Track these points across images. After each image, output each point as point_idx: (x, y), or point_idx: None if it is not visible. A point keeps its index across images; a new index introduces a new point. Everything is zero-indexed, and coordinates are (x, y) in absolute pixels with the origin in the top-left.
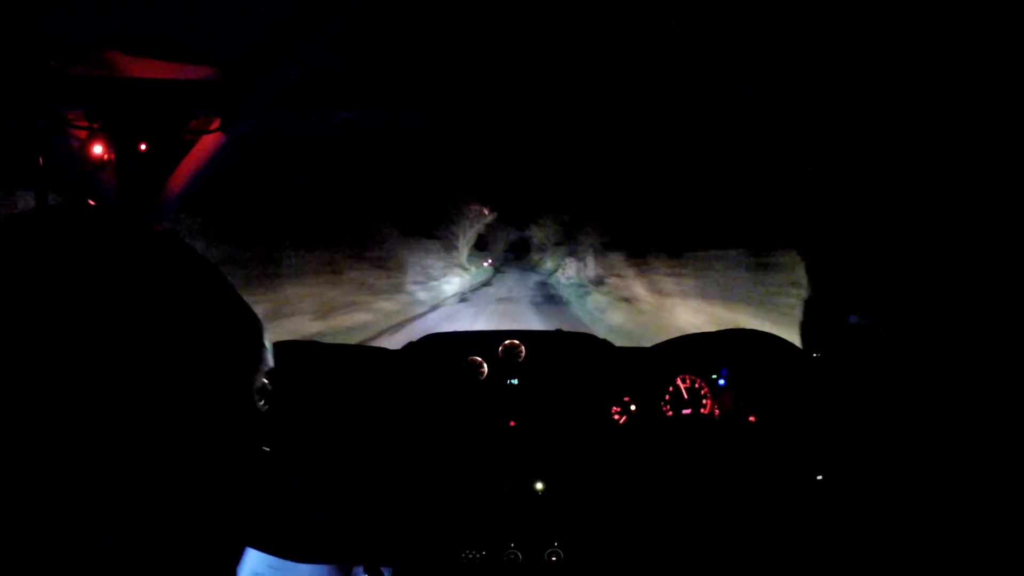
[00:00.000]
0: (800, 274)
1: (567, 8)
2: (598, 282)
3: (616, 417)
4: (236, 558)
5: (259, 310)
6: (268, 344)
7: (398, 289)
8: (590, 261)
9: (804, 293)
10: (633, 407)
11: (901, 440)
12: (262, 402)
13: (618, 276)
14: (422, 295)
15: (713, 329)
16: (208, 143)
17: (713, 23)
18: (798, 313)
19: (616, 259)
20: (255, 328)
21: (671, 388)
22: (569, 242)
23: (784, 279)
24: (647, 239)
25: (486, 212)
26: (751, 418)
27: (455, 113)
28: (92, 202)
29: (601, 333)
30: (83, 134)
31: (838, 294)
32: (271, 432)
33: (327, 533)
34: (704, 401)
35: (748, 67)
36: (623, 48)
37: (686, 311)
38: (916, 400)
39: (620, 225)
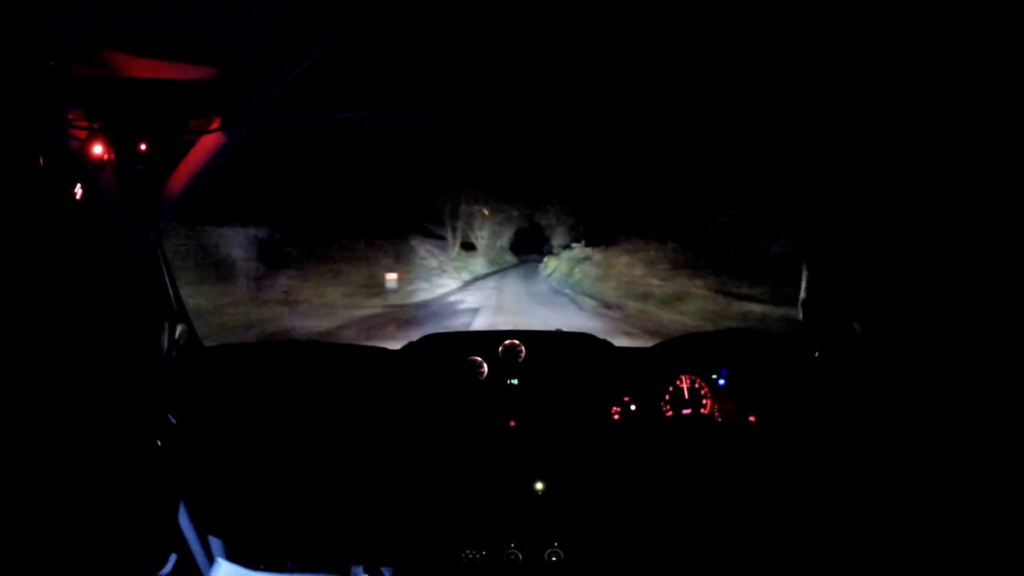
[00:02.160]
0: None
1: (567, 8)
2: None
3: (616, 417)
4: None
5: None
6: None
7: None
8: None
9: (803, 292)
10: (633, 407)
11: (901, 440)
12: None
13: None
14: None
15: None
16: (208, 143)
17: (713, 23)
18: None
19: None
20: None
21: (671, 388)
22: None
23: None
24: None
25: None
26: (751, 418)
27: (455, 113)
28: (92, 202)
29: None
30: (83, 134)
31: (838, 294)
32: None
33: (327, 533)
34: (704, 401)
35: (748, 67)
36: (623, 48)
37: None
38: (916, 400)
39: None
